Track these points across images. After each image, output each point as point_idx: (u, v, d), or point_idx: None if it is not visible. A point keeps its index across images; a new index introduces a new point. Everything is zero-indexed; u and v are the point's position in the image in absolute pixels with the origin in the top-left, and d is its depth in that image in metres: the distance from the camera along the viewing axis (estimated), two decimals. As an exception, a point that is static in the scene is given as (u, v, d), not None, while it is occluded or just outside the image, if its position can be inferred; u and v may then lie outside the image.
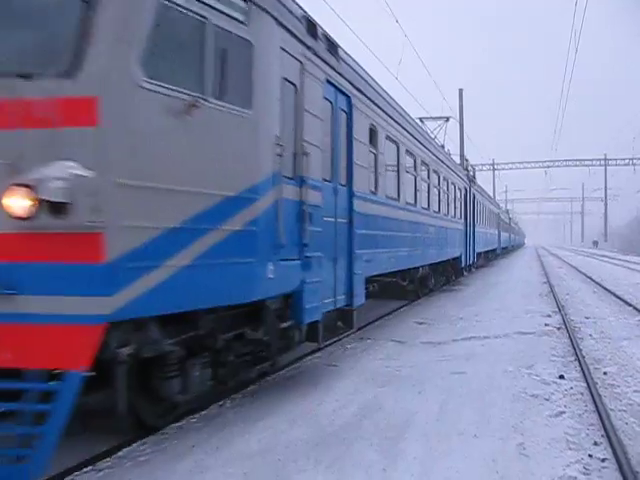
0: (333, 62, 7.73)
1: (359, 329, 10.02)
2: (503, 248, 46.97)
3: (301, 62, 6.59)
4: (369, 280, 10.00)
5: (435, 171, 15.96)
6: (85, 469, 4.55)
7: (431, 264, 16.07)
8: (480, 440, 5.09)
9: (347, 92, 8.28)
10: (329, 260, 7.47)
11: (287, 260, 6.07)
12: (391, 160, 11.27)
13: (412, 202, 12.92)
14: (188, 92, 4.65)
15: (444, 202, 17.41)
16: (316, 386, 6.93)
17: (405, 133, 12.34)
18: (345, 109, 8.31)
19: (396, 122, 11.52)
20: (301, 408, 6.06)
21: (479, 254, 27.57)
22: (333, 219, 7.66)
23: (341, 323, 8.30)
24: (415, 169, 13.38)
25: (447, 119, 25.31)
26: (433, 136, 21.01)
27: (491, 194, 50.44)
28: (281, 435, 5.28)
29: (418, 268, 14.61)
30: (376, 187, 9.88)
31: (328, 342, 7.90)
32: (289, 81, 6.30)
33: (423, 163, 14.30)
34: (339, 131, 8.04)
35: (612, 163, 71.19)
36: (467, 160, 30.13)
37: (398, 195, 11.58)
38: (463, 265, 21.93)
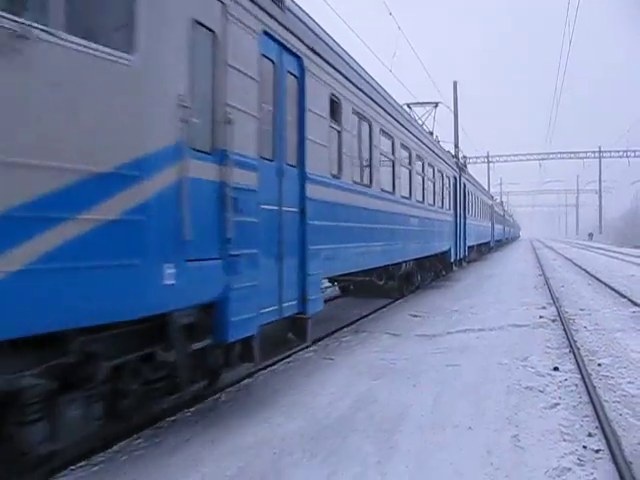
0: (275, 12, 6.26)
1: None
2: (497, 241, 46.86)
3: (223, 3, 5.16)
4: (335, 280, 9.24)
5: (419, 156, 14.46)
6: (80, 463, 4.54)
7: (416, 259, 14.79)
8: (475, 432, 5.11)
9: (297, 52, 6.82)
10: (270, 258, 6.13)
11: (199, 260, 4.71)
12: (361, 140, 9.75)
13: (389, 190, 11.42)
14: (17, 19, 3.35)
15: (429, 191, 15.86)
16: (311, 379, 6.95)
17: (380, 110, 10.71)
18: (295, 73, 6.85)
19: (367, 96, 9.88)
20: (296, 401, 6.07)
21: (471, 247, 26.59)
22: (276, 207, 6.27)
23: (293, 335, 6.90)
24: (393, 152, 11.80)
25: (436, 105, 23.48)
26: (421, 122, 19.87)
27: (485, 186, 50.33)
28: (276, 428, 5.28)
29: (400, 264, 13.31)
30: (340, 170, 8.37)
31: (270, 361, 6.82)
32: (204, 25, 4.88)
33: (403, 146, 12.70)
34: (285, 99, 6.58)
35: (606, 155, 71.31)
36: (457, 147, 28.94)
37: (370, 181, 10.04)
38: (453, 259, 20.58)
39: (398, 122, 12.30)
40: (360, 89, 9.43)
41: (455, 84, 36.72)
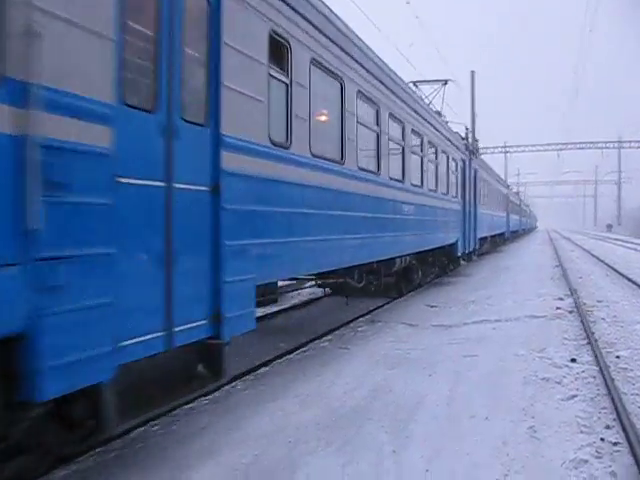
0: None
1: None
2: (513, 232, 46.29)
3: None
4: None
5: (416, 132, 12.42)
6: (98, 449, 4.58)
7: (413, 254, 12.90)
8: (491, 423, 5.08)
9: None
10: (146, 260, 4.15)
11: None
12: (327, 102, 7.86)
13: (372, 169, 9.47)
14: None
15: (431, 174, 13.87)
16: (326, 368, 6.95)
17: (358, 67, 8.63)
18: None
19: (338, 46, 7.80)
20: (312, 390, 6.08)
21: (483, 239, 24.83)
22: (160, 183, 4.27)
23: (204, 368, 5.00)
24: (378, 123, 9.76)
25: (445, 82, 20.96)
26: (428, 102, 18.05)
27: (503, 176, 49.74)
28: (292, 417, 5.30)
29: (392, 260, 11.41)
30: (289, 138, 6.42)
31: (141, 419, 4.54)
32: None
33: (394, 117, 10.68)
34: (182, 22, 4.55)
35: (626, 145, 70.41)
36: (468, 129, 26.32)
37: (342, 156, 8.01)
38: (461, 252, 18.47)
39: (386, 87, 10.14)
40: (325, 35, 7.38)
41: (473, 74, 36.48)
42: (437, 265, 17.33)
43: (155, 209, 4.25)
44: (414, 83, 19.01)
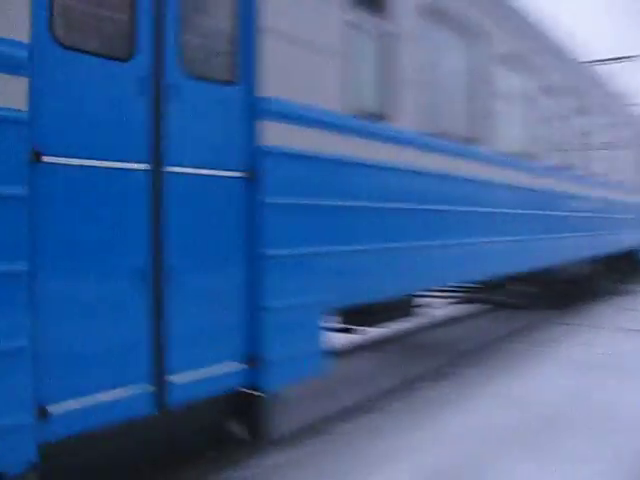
0: None
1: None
2: None
3: None
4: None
5: (590, 112, 10.07)
6: (308, 441, 4.67)
7: (587, 259, 10.46)
8: None
9: None
10: (102, 279, 2.86)
11: None
12: (449, 61, 6.05)
13: (530, 151, 7.63)
14: None
15: (611, 165, 11.26)
16: (515, 371, 6.73)
17: (504, 22, 6.81)
18: None
19: None
20: (503, 393, 5.92)
21: None
22: (139, 165, 2.99)
23: (239, 425, 3.79)
24: (534, 97, 7.75)
25: (633, 58, 17.26)
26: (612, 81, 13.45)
27: None
28: (481, 419, 5.17)
29: (557, 267, 9.32)
30: (386, 105, 4.82)
31: None
32: None
33: (559, 92, 8.51)
34: None
35: None
36: None
37: (477, 134, 6.31)
38: None
39: (545, 51, 8.22)
40: None
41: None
42: (621, 271, 14.00)
43: (126, 204, 2.95)
44: (599, 61, 15.50)
